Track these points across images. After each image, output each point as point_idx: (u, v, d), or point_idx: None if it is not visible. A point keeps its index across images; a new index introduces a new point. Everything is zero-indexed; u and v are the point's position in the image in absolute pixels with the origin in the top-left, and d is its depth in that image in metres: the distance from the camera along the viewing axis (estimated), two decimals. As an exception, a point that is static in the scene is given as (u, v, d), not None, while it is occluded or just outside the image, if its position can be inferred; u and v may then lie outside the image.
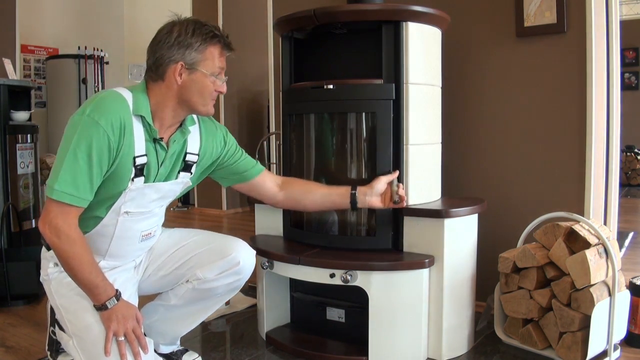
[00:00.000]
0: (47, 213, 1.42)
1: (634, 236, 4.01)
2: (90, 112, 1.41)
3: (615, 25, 2.23)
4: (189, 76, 1.52)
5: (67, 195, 1.40)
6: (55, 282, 1.57)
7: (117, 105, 1.46)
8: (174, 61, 1.50)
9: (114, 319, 1.49)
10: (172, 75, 1.51)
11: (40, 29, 5.79)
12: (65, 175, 1.39)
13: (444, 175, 2.21)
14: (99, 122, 1.40)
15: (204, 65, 1.53)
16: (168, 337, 1.88)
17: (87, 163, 1.41)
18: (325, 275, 1.90)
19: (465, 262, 2.01)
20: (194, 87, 1.54)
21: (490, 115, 2.41)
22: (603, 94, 2.21)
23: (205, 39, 1.52)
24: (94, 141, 1.40)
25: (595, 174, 2.19)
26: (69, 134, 1.41)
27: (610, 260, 1.88)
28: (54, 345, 1.75)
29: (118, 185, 1.50)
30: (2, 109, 2.74)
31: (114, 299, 1.50)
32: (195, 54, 1.51)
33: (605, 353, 1.88)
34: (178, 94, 1.54)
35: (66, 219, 1.42)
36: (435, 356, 1.96)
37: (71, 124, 1.42)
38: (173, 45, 1.50)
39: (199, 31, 1.52)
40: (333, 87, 1.97)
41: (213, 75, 1.55)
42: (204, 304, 1.79)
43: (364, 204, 1.85)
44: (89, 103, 1.44)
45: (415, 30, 1.97)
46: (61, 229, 1.41)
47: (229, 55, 1.61)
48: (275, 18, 2.58)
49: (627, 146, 6.79)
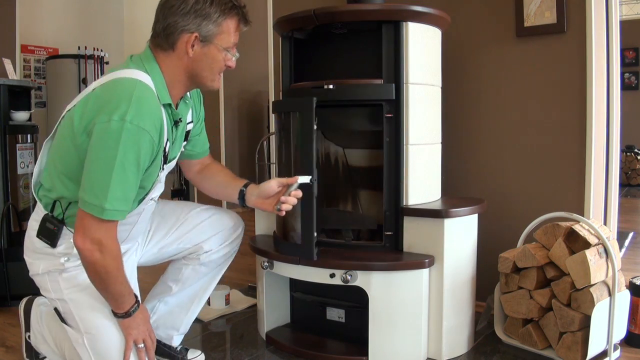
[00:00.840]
0: (88, 229, 1.31)
1: (634, 236, 4.00)
2: (133, 119, 1.27)
3: (615, 25, 2.23)
4: (201, 49, 1.42)
5: (118, 212, 1.32)
6: (69, 275, 1.48)
7: (154, 102, 1.35)
8: (188, 31, 1.39)
9: (135, 326, 1.45)
10: (184, 46, 1.41)
11: (40, 29, 5.78)
12: (116, 192, 1.29)
13: (444, 175, 2.21)
14: (145, 129, 1.29)
15: (220, 39, 1.43)
16: (179, 327, 1.87)
17: (135, 174, 1.32)
18: (325, 275, 1.90)
19: (465, 262, 2.01)
20: (205, 61, 1.44)
21: (490, 115, 2.41)
22: (603, 94, 2.21)
23: (224, 10, 1.41)
24: (142, 149, 1.31)
25: (595, 174, 2.19)
26: (109, 144, 1.27)
27: (610, 260, 1.88)
28: (32, 351, 1.72)
29: (151, 179, 1.47)
30: (2, 109, 2.73)
31: (137, 306, 1.46)
32: (212, 26, 1.40)
33: (605, 353, 1.88)
34: (188, 66, 1.44)
35: (110, 233, 1.34)
36: (435, 356, 1.96)
37: (107, 131, 1.27)
38: (189, 12, 1.37)
39: (219, 0, 1.41)
40: (333, 87, 1.97)
41: (226, 50, 1.46)
42: (203, 281, 1.83)
43: (250, 203, 1.71)
44: (122, 102, 1.28)
45: (415, 30, 1.97)
46: (105, 243, 1.33)
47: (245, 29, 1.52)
48: (275, 18, 2.58)
49: (627, 146, 6.79)
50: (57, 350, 1.62)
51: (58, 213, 1.45)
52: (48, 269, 1.49)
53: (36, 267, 1.52)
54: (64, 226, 1.45)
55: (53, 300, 1.53)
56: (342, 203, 2.35)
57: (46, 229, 1.46)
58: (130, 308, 1.44)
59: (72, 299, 1.48)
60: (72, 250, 1.44)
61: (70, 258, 1.47)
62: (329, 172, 2.35)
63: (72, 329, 1.51)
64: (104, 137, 1.28)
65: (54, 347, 1.63)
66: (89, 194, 1.30)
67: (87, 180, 1.31)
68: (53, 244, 1.46)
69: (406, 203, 1.98)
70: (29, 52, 5.75)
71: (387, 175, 1.98)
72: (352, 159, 2.33)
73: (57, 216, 1.45)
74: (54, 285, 1.50)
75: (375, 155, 2.21)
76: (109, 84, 1.36)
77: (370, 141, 2.25)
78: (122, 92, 1.31)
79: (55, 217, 1.45)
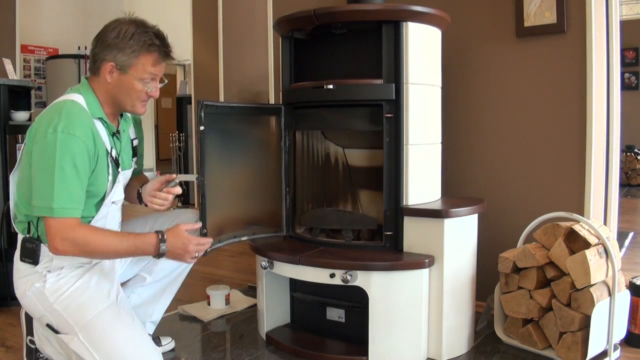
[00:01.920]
0: (52, 234, 1.45)
1: (634, 236, 4.01)
2: (64, 128, 1.44)
3: (615, 25, 2.23)
4: (119, 77, 1.57)
5: (67, 210, 1.45)
6: (51, 286, 1.56)
7: (83, 113, 1.51)
8: (106, 60, 1.56)
9: (179, 254, 1.60)
10: (104, 73, 1.57)
11: (40, 29, 5.79)
12: (60, 192, 1.43)
13: (444, 175, 2.21)
14: (75, 134, 1.45)
15: (135, 70, 1.57)
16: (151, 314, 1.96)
17: (75, 175, 1.46)
18: (325, 275, 1.90)
19: (465, 262, 2.01)
20: (122, 88, 1.59)
21: (490, 115, 2.41)
22: (603, 94, 2.21)
23: (142, 46, 1.56)
24: (76, 153, 1.45)
25: (595, 174, 2.19)
26: (47, 153, 1.43)
27: (610, 260, 1.88)
28: (33, 354, 1.75)
29: (102, 183, 1.58)
30: (2, 109, 2.73)
31: (162, 243, 1.56)
32: (127, 58, 1.55)
33: (605, 353, 1.88)
34: (109, 91, 1.59)
35: (70, 228, 1.46)
36: (435, 356, 1.96)
37: (45, 144, 1.43)
38: (110, 45, 1.55)
39: (138, 37, 1.56)
40: (333, 87, 1.97)
41: (142, 81, 1.59)
42: (176, 271, 1.93)
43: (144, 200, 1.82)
44: (54, 118, 1.45)
45: (415, 30, 1.97)
46: (72, 238, 1.45)
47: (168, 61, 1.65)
48: (275, 18, 2.58)
49: (627, 146, 6.79)
50: (62, 352, 1.65)
51: (33, 232, 1.57)
52: (33, 284, 1.57)
53: (22, 289, 1.59)
54: (41, 243, 1.56)
55: (43, 317, 1.59)
56: (342, 203, 2.35)
57: (26, 249, 1.57)
58: (158, 248, 1.56)
59: (59, 303, 1.56)
60: (50, 263, 1.57)
61: (51, 269, 1.57)
62: (329, 172, 2.35)
63: (66, 335, 1.55)
64: (42, 149, 1.44)
65: (59, 349, 1.66)
66: (37, 199, 1.45)
67: (34, 189, 1.46)
68: (35, 261, 1.57)
69: (406, 203, 1.98)
70: (29, 52, 5.75)
71: (387, 175, 1.99)
72: (352, 159, 2.33)
73: (33, 235, 1.57)
74: (41, 298, 1.57)
75: (375, 155, 2.21)
76: (46, 109, 1.55)
77: (370, 141, 2.25)
78: (54, 110, 1.50)
79: (32, 236, 1.58)
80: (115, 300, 1.61)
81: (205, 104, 1.87)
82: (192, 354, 2.05)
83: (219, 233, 1.97)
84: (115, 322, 1.56)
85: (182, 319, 2.42)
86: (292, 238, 2.21)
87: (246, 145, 2.15)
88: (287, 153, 2.20)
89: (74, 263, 1.59)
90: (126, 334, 1.56)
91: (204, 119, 1.87)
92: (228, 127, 2.08)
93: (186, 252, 1.61)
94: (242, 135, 2.14)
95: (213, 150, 1.94)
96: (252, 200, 2.17)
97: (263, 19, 3.61)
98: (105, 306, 1.57)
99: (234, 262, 3.56)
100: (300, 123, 2.18)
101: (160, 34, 1.61)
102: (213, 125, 1.93)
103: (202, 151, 1.87)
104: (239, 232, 2.09)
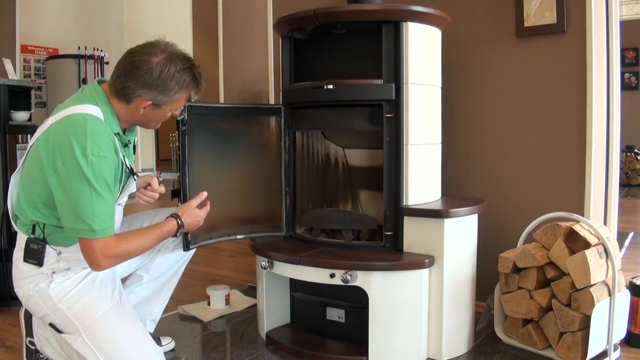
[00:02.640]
0: (98, 255, 1.47)
1: (634, 236, 4.01)
2: (93, 151, 1.43)
3: (615, 25, 2.23)
4: (152, 110, 1.58)
5: (107, 229, 1.48)
6: (56, 286, 1.56)
7: (106, 132, 1.50)
8: (143, 97, 1.54)
9: (193, 226, 1.74)
10: (138, 105, 1.55)
11: (40, 29, 5.79)
12: (100, 213, 1.45)
13: (444, 175, 2.21)
14: (105, 156, 1.46)
15: (170, 106, 1.60)
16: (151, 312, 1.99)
17: (109, 194, 1.49)
18: (325, 275, 1.90)
19: (465, 262, 2.01)
20: (153, 118, 1.62)
21: (490, 115, 2.41)
22: (603, 94, 2.21)
23: (182, 85, 1.56)
24: (108, 173, 1.47)
25: (595, 174, 2.19)
26: (81, 177, 1.42)
27: (610, 260, 1.88)
28: (33, 355, 1.76)
29: (115, 193, 1.58)
30: (2, 109, 2.73)
31: (181, 226, 1.68)
32: (168, 99, 1.56)
33: (605, 353, 1.88)
34: (137, 118, 1.60)
35: (110, 245, 1.48)
36: (435, 356, 1.96)
37: (77, 168, 1.42)
38: (149, 84, 1.51)
39: (179, 76, 1.54)
40: (333, 87, 1.97)
41: (173, 112, 1.63)
42: (172, 268, 1.97)
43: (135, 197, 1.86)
44: (79, 139, 1.43)
45: (415, 30, 1.97)
46: (117, 254, 1.50)
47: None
48: (275, 18, 2.58)
49: (627, 146, 6.79)
50: (63, 352, 1.65)
51: (39, 234, 1.56)
52: (38, 285, 1.56)
53: (26, 289, 1.58)
54: (47, 244, 1.55)
55: (47, 316, 1.58)
56: (342, 203, 2.35)
57: (31, 250, 1.56)
58: (177, 230, 1.68)
59: (64, 302, 1.55)
60: (57, 264, 1.56)
61: (56, 271, 1.57)
62: (329, 172, 2.35)
63: (70, 335, 1.55)
64: (74, 173, 1.43)
65: (59, 349, 1.66)
66: (75, 222, 1.45)
67: (70, 212, 1.45)
68: (40, 263, 1.56)
69: (406, 203, 1.98)
70: (29, 52, 5.75)
71: (387, 175, 1.99)
72: (352, 159, 2.33)
73: (38, 237, 1.56)
74: (45, 298, 1.56)
75: (375, 155, 2.21)
76: (63, 121, 1.50)
77: (370, 141, 2.25)
78: (77, 128, 1.46)
79: (37, 237, 1.56)
80: (119, 301, 1.61)
81: (187, 105, 1.89)
82: (192, 354, 2.05)
83: (211, 230, 1.99)
84: (120, 323, 1.56)
85: (182, 319, 2.42)
86: (292, 238, 2.21)
87: (245, 145, 2.16)
88: (287, 153, 2.20)
89: (79, 265, 1.58)
90: (130, 335, 1.56)
91: (186, 119, 1.91)
92: (226, 127, 2.09)
93: (199, 225, 1.76)
94: (241, 135, 2.15)
95: (206, 150, 1.98)
96: (250, 200, 2.17)
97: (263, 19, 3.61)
98: (110, 306, 1.57)
99: (234, 262, 3.56)
100: (300, 123, 2.18)
101: (197, 68, 1.60)
102: (208, 125, 1.96)
103: (184, 150, 1.92)
104: (234, 231, 2.10)
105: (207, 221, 1.82)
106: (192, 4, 5.53)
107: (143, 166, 8.09)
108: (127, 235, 1.57)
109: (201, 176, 1.97)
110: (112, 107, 1.56)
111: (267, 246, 2.10)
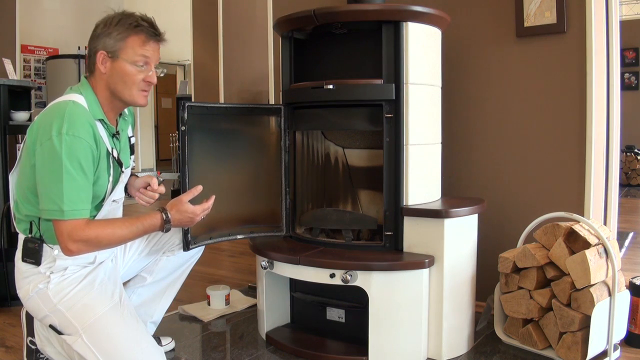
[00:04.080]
0: (65, 237, 1.45)
1: (634, 236, 4.01)
2: (68, 130, 1.44)
3: (615, 25, 2.23)
4: (112, 64, 1.56)
5: (77, 211, 1.45)
6: (55, 287, 1.56)
7: (85, 115, 1.50)
8: (97, 50, 1.55)
9: (186, 223, 1.66)
10: (98, 64, 1.56)
11: (40, 29, 5.79)
12: (69, 194, 1.44)
13: (444, 175, 2.21)
14: (80, 136, 1.45)
15: (125, 54, 1.56)
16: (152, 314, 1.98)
17: (83, 176, 1.47)
18: (325, 275, 1.90)
19: (465, 262, 2.01)
20: (116, 75, 1.57)
21: (490, 115, 2.41)
22: (603, 94, 2.21)
23: (127, 28, 1.55)
24: (82, 154, 1.46)
25: (595, 174, 2.19)
26: (54, 157, 1.43)
27: (610, 260, 1.88)
28: (33, 355, 1.76)
29: (103, 185, 1.58)
30: (2, 109, 2.74)
31: (167, 221, 1.60)
32: (115, 42, 1.54)
33: (605, 353, 1.89)
34: (106, 84, 1.58)
35: (80, 229, 1.46)
36: (435, 356, 1.96)
37: (50, 147, 1.43)
38: (99, 34, 1.55)
39: (123, 21, 1.56)
40: (333, 87, 1.97)
41: (135, 64, 1.57)
42: (177, 271, 1.97)
43: (132, 194, 1.85)
44: (57, 119, 1.45)
45: (415, 30, 1.97)
46: (84, 238, 1.46)
47: (162, 44, 1.63)
48: (275, 18, 2.58)
49: (627, 146, 6.79)
50: (64, 352, 1.65)
51: (35, 232, 1.57)
52: (37, 285, 1.56)
53: (26, 290, 1.58)
54: (44, 243, 1.56)
55: (47, 317, 1.58)
56: (342, 203, 2.35)
57: (28, 250, 1.57)
58: (162, 225, 1.60)
59: (63, 303, 1.55)
60: (54, 263, 1.56)
61: (54, 270, 1.57)
62: (329, 172, 2.35)
63: (70, 336, 1.55)
64: (48, 152, 1.44)
65: (60, 349, 1.66)
66: (47, 202, 1.45)
67: (43, 192, 1.46)
68: (37, 261, 1.57)
69: (406, 203, 1.98)
70: (29, 52, 5.75)
71: (387, 175, 1.99)
72: (352, 159, 2.33)
73: (34, 235, 1.57)
74: (44, 299, 1.57)
75: (375, 155, 2.21)
76: (47, 109, 1.53)
77: (370, 141, 2.25)
78: (56, 112, 1.48)
79: (34, 236, 1.57)
80: (119, 302, 1.61)
81: (188, 105, 1.90)
82: (192, 354, 2.05)
83: (211, 230, 1.99)
84: (120, 323, 1.56)
85: (182, 319, 2.42)
86: (292, 238, 2.21)
87: (245, 145, 2.16)
88: (287, 153, 2.20)
89: (77, 264, 1.59)
90: (130, 336, 1.56)
91: (186, 119, 1.90)
92: (226, 127, 2.09)
93: (193, 221, 1.67)
94: (241, 135, 2.15)
95: (206, 150, 1.98)
96: (250, 200, 2.17)
97: (263, 19, 3.61)
98: (110, 307, 1.57)
99: (234, 262, 3.56)
100: (300, 123, 2.18)
101: (147, 17, 1.61)
102: (208, 125, 1.96)
103: (184, 150, 1.91)
104: (234, 231, 2.10)
105: (207, 221, 1.81)
106: (192, 4, 5.52)
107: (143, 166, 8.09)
108: (100, 221, 1.55)
109: (201, 176, 1.96)
110: (95, 95, 1.58)
111: (267, 246, 2.10)
